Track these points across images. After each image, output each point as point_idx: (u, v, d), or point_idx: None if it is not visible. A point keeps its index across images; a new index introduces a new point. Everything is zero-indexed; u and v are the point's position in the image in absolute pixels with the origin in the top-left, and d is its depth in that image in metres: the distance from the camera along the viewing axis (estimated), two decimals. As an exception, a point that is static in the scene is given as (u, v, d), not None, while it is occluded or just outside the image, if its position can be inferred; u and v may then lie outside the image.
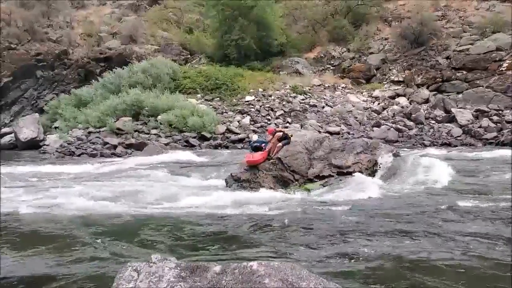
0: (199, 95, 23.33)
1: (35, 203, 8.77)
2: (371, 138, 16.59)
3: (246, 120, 20.99)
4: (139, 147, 18.20)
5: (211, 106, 22.03)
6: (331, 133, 19.06)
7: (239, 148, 18.40)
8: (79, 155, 17.55)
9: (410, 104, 22.56)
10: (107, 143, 18.64)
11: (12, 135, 20.87)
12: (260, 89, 23.51)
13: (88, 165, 14.62)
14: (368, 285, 4.69)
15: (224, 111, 21.96)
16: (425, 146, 18.19)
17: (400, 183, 9.96)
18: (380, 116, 21.87)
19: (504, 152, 14.52)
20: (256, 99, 22.73)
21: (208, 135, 19.72)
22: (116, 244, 6.18)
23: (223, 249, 5.91)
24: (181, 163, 14.45)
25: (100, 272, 5.08)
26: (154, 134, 19.74)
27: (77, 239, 6.44)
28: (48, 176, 12.57)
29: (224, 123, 20.73)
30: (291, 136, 10.50)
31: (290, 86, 23.77)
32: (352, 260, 5.33)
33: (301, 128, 19.30)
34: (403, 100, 23.12)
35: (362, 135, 18.53)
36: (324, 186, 9.65)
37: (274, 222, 7.23)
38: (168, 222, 7.35)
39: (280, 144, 10.18)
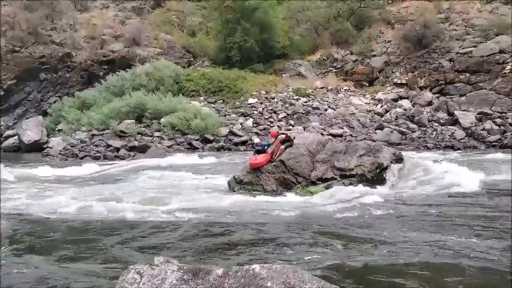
0: (202, 98, 23.40)
1: (37, 206, 8.79)
2: (374, 140, 16.57)
3: (249, 122, 21.02)
4: (142, 149, 18.26)
5: (214, 109, 22.09)
6: (334, 136, 19.10)
7: (241, 151, 18.42)
8: (82, 158, 17.60)
9: (413, 106, 22.53)
10: (110, 145, 18.70)
11: (16, 137, 20.92)
12: (263, 92, 23.55)
13: (90, 168, 14.64)
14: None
15: (226, 113, 22.01)
16: (428, 148, 18.19)
17: (401, 186, 9.93)
18: (383, 118, 21.86)
19: (507, 155, 14.48)
20: (258, 101, 22.77)
21: (211, 138, 19.77)
22: (118, 247, 6.18)
23: (225, 252, 5.90)
24: (184, 165, 14.48)
25: (103, 274, 5.09)
26: (157, 137, 19.80)
27: (78, 242, 6.45)
28: (50, 179, 12.62)
29: (227, 125, 20.78)
30: (294, 138, 10.48)
31: (292, 89, 23.79)
32: (351, 264, 5.31)
33: (304, 130, 19.29)
34: (406, 103, 23.09)
35: (365, 138, 18.53)
36: (326, 189, 9.62)
37: (275, 225, 7.22)
38: (170, 224, 7.35)
39: (282, 146, 10.16)
